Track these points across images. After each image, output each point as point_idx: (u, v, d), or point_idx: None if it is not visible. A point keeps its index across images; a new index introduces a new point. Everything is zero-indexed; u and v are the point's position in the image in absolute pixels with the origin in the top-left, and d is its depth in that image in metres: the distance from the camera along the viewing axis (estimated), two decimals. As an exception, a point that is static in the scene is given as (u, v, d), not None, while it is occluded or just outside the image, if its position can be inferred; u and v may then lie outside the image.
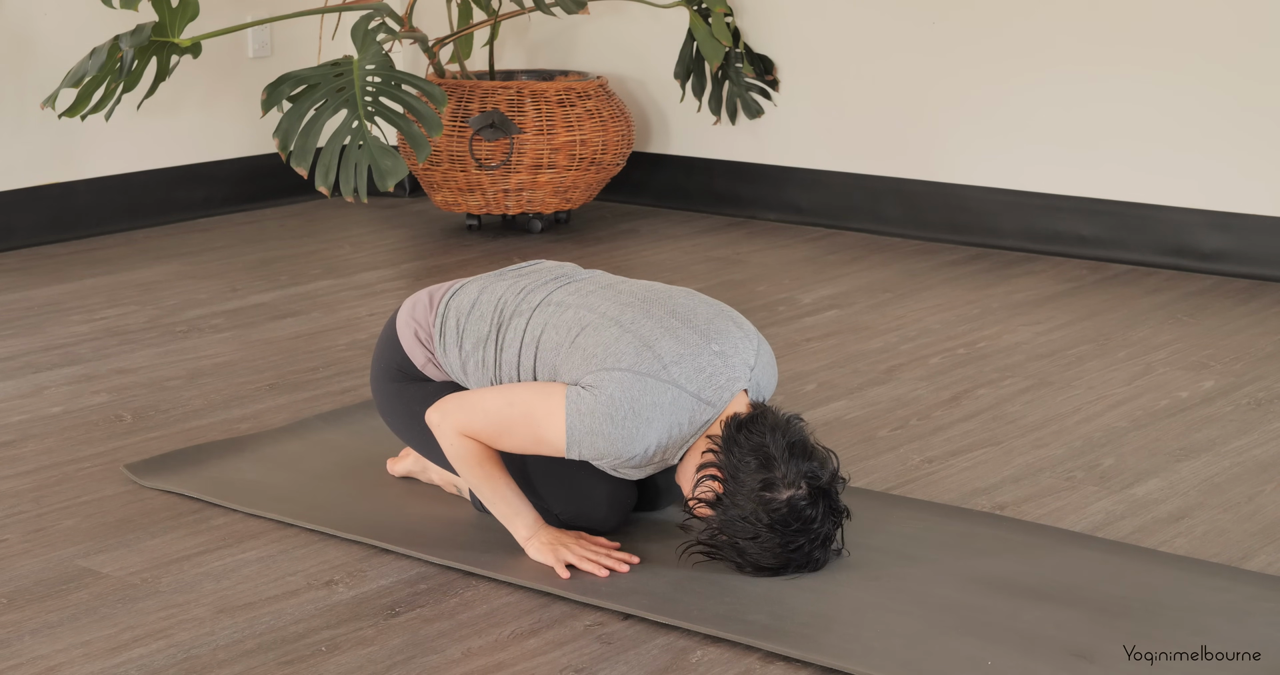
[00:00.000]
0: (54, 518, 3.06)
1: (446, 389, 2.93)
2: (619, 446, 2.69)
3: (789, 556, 2.69)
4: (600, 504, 2.87)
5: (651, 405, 2.69)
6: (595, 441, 2.69)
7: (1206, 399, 3.69)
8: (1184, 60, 4.75)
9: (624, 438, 2.68)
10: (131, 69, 4.66)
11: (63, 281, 4.82)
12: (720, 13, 5.33)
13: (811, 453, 2.68)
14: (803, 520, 2.65)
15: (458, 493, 3.09)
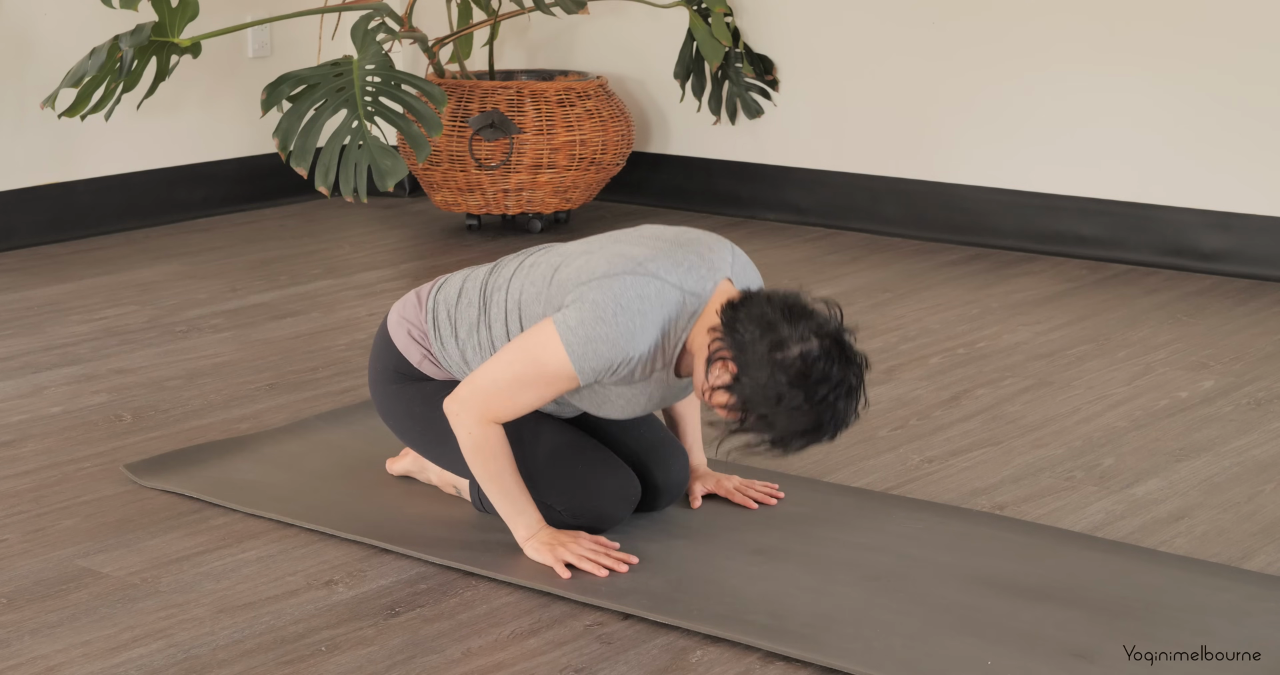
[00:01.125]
0: (54, 518, 3.06)
1: (446, 388, 2.93)
2: (622, 346, 2.65)
3: (818, 413, 2.58)
4: (603, 499, 2.87)
5: (637, 298, 2.67)
6: (597, 349, 2.65)
7: (1206, 399, 3.69)
8: (1184, 61, 4.75)
9: (622, 335, 2.65)
10: (131, 69, 4.66)
11: (62, 281, 4.82)
12: (720, 13, 5.33)
13: (812, 310, 2.64)
14: (820, 371, 2.57)
15: (456, 493, 3.09)
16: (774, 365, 2.58)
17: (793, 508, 3.05)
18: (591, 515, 2.88)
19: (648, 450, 2.99)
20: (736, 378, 2.62)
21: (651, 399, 2.80)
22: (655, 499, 2.99)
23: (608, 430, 3.01)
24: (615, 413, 2.82)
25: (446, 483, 3.11)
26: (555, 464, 2.87)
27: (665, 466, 2.98)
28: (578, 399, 2.81)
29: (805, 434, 2.62)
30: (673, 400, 2.85)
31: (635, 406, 2.81)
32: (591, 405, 2.82)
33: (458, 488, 3.07)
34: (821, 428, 2.62)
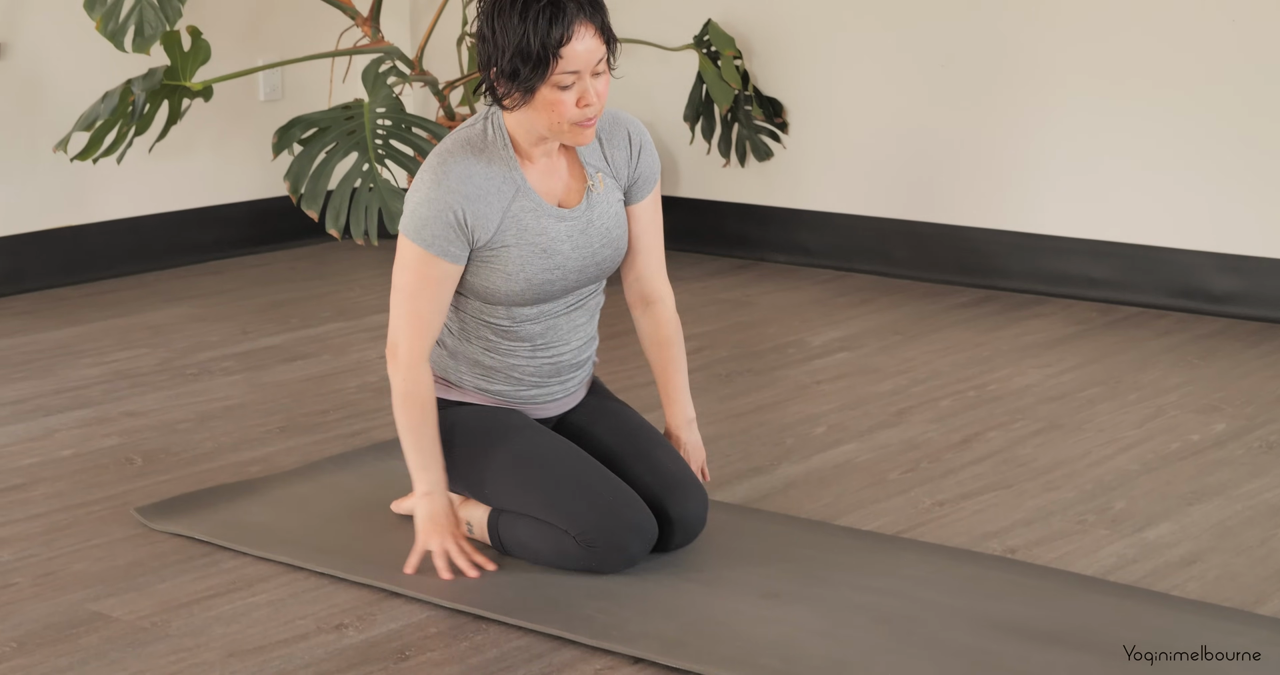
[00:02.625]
0: (64, 561, 3.06)
1: (472, 414, 2.98)
2: (424, 191, 2.81)
3: (532, 8, 2.71)
4: (621, 532, 2.87)
5: (426, 167, 2.85)
6: (415, 210, 2.81)
7: (1218, 442, 3.69)
8: (1193, 102, 4.76)
9: (420, 185, 2.82)
10: (143, 112, 4.68)
11: (74, 324, 4.83)
12: (729, 56, 5.35)
13: None
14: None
15: (467, 531, 3.09)
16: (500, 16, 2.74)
17: (803, 551, 3.04)
18: (606, 545, 2.88)
19: (667, 487, 2.98)
20: (479, 30, 2.77)
21: (576, 229, 2.91)
22: (669, 538, 2.99)
23: (628, 464, 3.01)
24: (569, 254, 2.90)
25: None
26: (577, 491, 2.89)
27: (683, 504, 2.98)
28: (514, 267, 2.87)
29: (525, 37, 2.71)
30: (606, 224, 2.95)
31: (584, 237, 2.91)
32: (539, 265, 2.88)
33: (470, 526, 3.07)
34: (538, 25, 2.71)
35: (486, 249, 2.87)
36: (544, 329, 2.97)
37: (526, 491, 2.92)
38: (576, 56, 2.74)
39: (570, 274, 2.93)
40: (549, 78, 2.75)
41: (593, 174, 2.95)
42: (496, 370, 2.99)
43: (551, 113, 2.78)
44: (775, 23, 5.46)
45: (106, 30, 4.66)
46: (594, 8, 2.77)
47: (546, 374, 3.02)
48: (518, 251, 2.87)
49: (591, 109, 2.79)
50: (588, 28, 2.75)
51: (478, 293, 2.92)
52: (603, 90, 2.80)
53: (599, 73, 2.79)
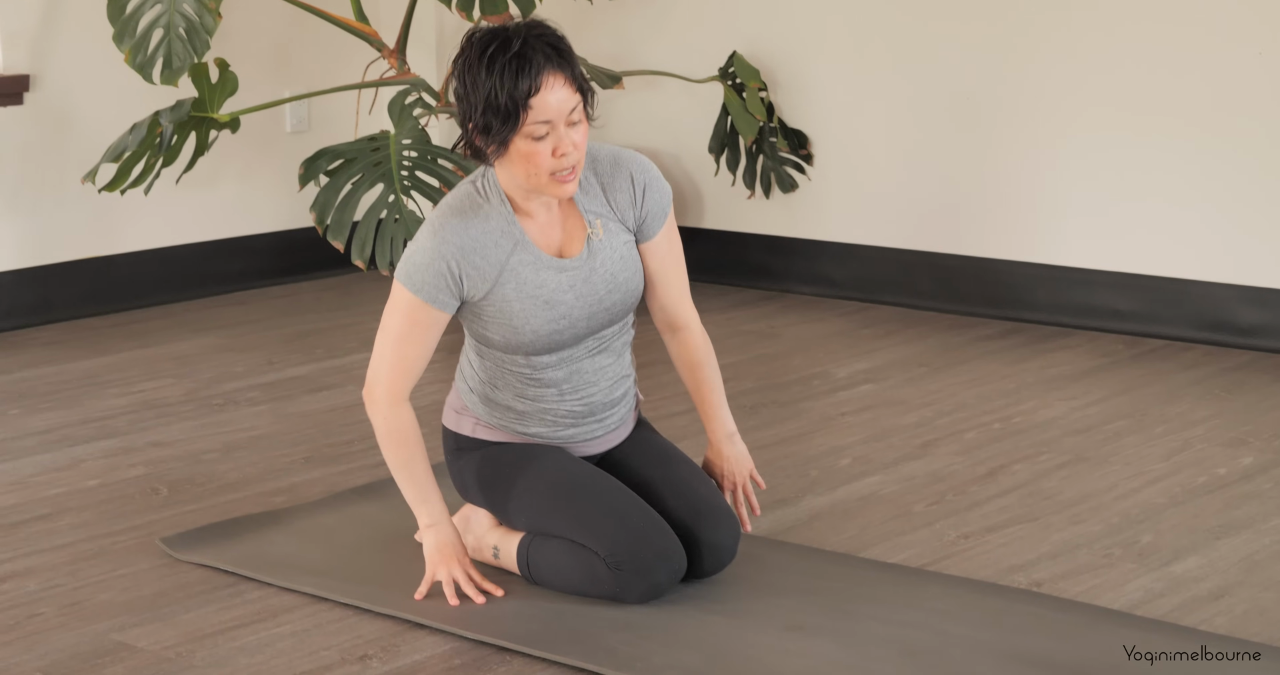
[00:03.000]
0: (89, 591, 3.07)
1: (505, 449, 3.02)
2: (423, 243, 2.86)
3: (498, 62, 2.75)
4: (651, 557, 2.88)
5: (428, 222, 2.91)
6: (412, 259, 2.87)
7: (1245, 476, 3.67)
8: (1219, 134, 4.75)
9: (421, 237, 2.88)
10: (171, 144, 4.71)
11: (100, 354, 4.85)
12: (754, 88, 5.36)
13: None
14: (492, 32, 2.79)
15: (495, 560, 3.09)
16: (462, 51, 2.81)
17: (828, 583, 3.03)
18: (633, 568, 2.88)
19: (698, 512, 2.99)
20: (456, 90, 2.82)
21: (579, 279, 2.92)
22: (699, 563, 2.99)
23: (661, 492, 3.03)
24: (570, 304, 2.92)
25: (480, 549, 3.11)
26: (609, 512, 2.91)
27: (714, 530, 2.99)
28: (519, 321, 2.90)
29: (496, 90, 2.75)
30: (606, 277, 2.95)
31: (586, 286, 2.93)
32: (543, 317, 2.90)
33: (497, 550, 3.06)
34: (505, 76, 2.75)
35: (488, 303, 2.89)
36: (568, 374, 2.99)
37: (557, 509, 2.94)
38: (547, 107, 2.77)
39: (578, 323, 2.94)
40: (520, 129, 2.77)
41: (592, 221, 2.94)
42: (529, 414, 3.01)
43: (528, 164, 2.80)
44: (800, 55, 5.47)
45: (135, 62, 4.69)
46: (561, 57, 2.80)
47: (580, 415, 3.03)
48: (520, 305, 2.89)
49: (568, 159, 2.80)
50: (557, 78, 2.78)
51: (494, 344, 2.96)
52: (579, 140, 2.81)
53: (574, 122, 2.80)
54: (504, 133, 2.77)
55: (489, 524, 3.10)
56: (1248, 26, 4.65)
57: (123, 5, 4.71)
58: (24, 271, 5.19)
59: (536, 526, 2.99)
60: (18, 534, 3.38)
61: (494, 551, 3.08)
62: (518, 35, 2.78)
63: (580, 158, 2.82)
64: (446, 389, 4.42)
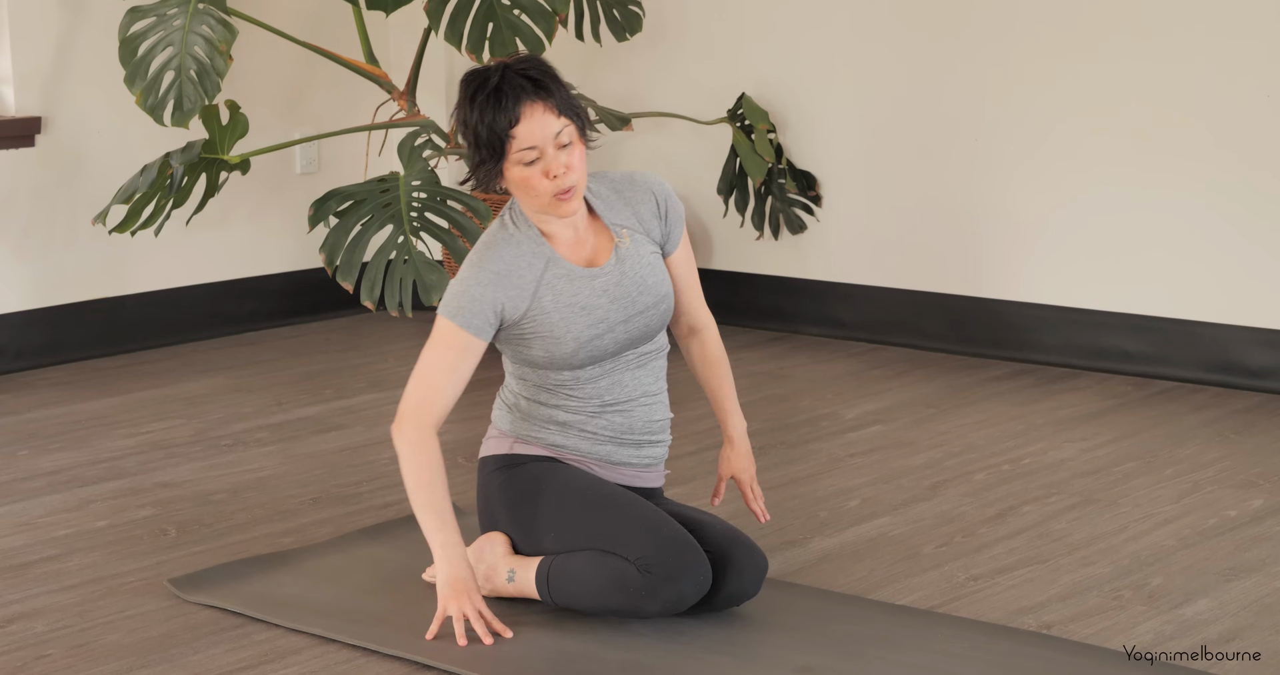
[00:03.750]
0: (98, 632, 3.06)
1: (538, 464, 3.08)
2: (466, 274, 2.99)
3: (478, 99, 2.94)
4: (684, 561, 2.92)
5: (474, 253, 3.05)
6: (453, 290, 2.98)
7: (1256, 518, 3.66)
8: (1229, 176, 4.76)
9: (465, 267, 3.01)
10: (181, 185, 4.73)
11: (110, 395, 4.86)
12: (763, 129, 5.37)
13: None
14: (475, 72, 3.00)
15: (509, 586, 3.09)
16: (461, 91, 3.01)
17: (837, 625, 3.02)
18: (663, 574, 2.91)
19: (733, 538, 3.05)
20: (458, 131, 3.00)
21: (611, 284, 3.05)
22: (722, 585, 3.02)
23: (690, 522, 3.08)
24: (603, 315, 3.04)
25: (493, 576, 3.12)
26: (642, 520, 2.97)
27: (748, 554, 3.05)
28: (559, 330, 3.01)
29: (482, 113, 2.94)
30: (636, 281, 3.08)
31: (619, 290, 3.05)
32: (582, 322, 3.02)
33: (513, 573, 3.09)
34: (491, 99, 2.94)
35: (527, 320, 3.01)
36: (610, 385, 3.09)
37: (589, 518, 3.00)
38: (529, 134, 2.93)
39: (616, 327, 3.05)
40: (509, 158, 2.94)
41: (619, 232, 3.10)
42: (570, 426, 3.09)
43: (527, 189, 2.97)
44: (808, 97, 5.49)
45: (146, 104, 4.71)
46: (539, 88, 2.94)
47: (621, 430, 3.11)
48: (558, 315, 3.01)
49: (562, 180, 2.95)
50: (535, 107, 2.93)
51: (538, 363, 3.07)
52: (571, 162, 2.95)
53: (565, 144, 2.95)
54: (496, 164, 2.96)
55: (504, 551, 3.11)
56: (1257, 69, 4.67)
57: (134, 48, 4.74)
58: (34, 312, 5.20)
59: (563, 539, 3.02)
60: (26, 575, 3.38)
61: (509, 575, 3.07)
62: (496, 73, 2.96)
63: (577, 178, 2.97)
64: (462, 430, 4.43)
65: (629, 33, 5.34)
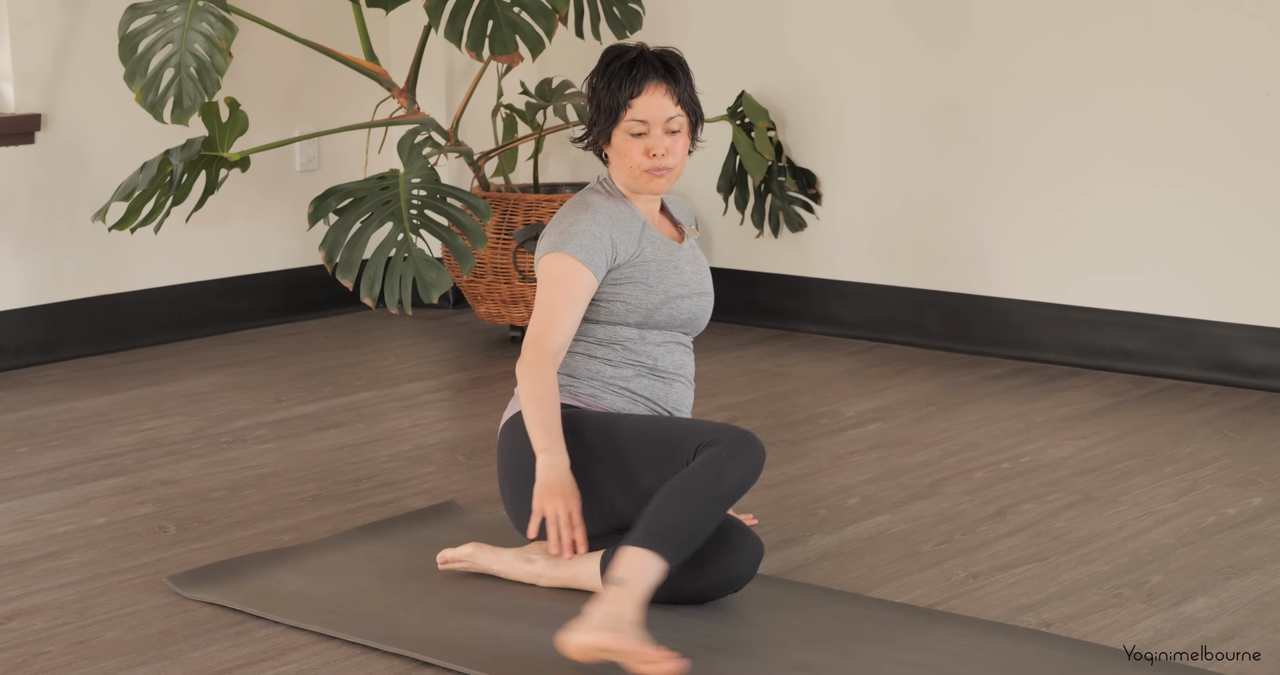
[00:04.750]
0: (97, 629, 3.06)
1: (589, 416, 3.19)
2: (576, 215, 3.18)
3: (612, 68, 3.19)
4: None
5: (573, 205, 3.24)
6: (568, 229, 3.16)
7: (1255, 516, 3.66)
8: (1229, 174, 4.76)
9: (573, 210, 3.20)
10: (181, 182, 4.73)
11: (109, 392, 4.86)
12: (763, 127, 5.37)
13: None
14: (620, 46, 3.24)
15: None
16: (598, 67, 3.25)
17: (836, 623, 3.03)
18: (726, 435, 3.03)
19: (720, 531, 3.08)
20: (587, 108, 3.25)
21: (689, 260, 3.30)
22: (716, 572, 3.06)
23: None
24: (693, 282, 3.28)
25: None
26: (690, 426, 3.11)
27: (738, 540, 3.08)
28: (654, 279, 3.22)
29: (614, 80, 3.20)
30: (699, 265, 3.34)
31: (695, 269, 3.31)
32: (674, 280, 3.24)
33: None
34: (623, 69, 3.19)
35: (630, 266, 3.21)
36: (665, 353, 3.26)
37: (660, 433, 3.11)
38: (644, 108, 3.19)
39: (694, 295, 3.28)
40: (620, 124, 3.19)
41: (688, 228, 3.40)
42: (612, 383, 3.24)
43: (624, 159, 3.21)
44: (808, 95, 5.49)
45: (146, 102, 4.71)
46: (669, 72, 3.21)
47: (657, 396, 3.26)
48: (656, 266, 3.24)
49: (661, 161, 3.19)
50: (659, 87, 3.19)
51: (618, 314, 3.22)
52: (674, 148, 3.20)
53: (674, 131, 3.20)
54: (607, 127, 3.20)
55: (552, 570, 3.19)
56: (1257, 66, 4.67)
57: (134, 45, 4.73)
58: (34, 309, 5.20)
59: (647, 463, 3.08)
60: (25, 572, 3.38)
61: (618, 581, 2.85)
62: (636, 50, 3.22)
63: (676, 164, 3.21)
64: (461, 428, 4.43)
65: (629, 30, 5.34)
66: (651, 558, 2.85)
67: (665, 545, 2.87)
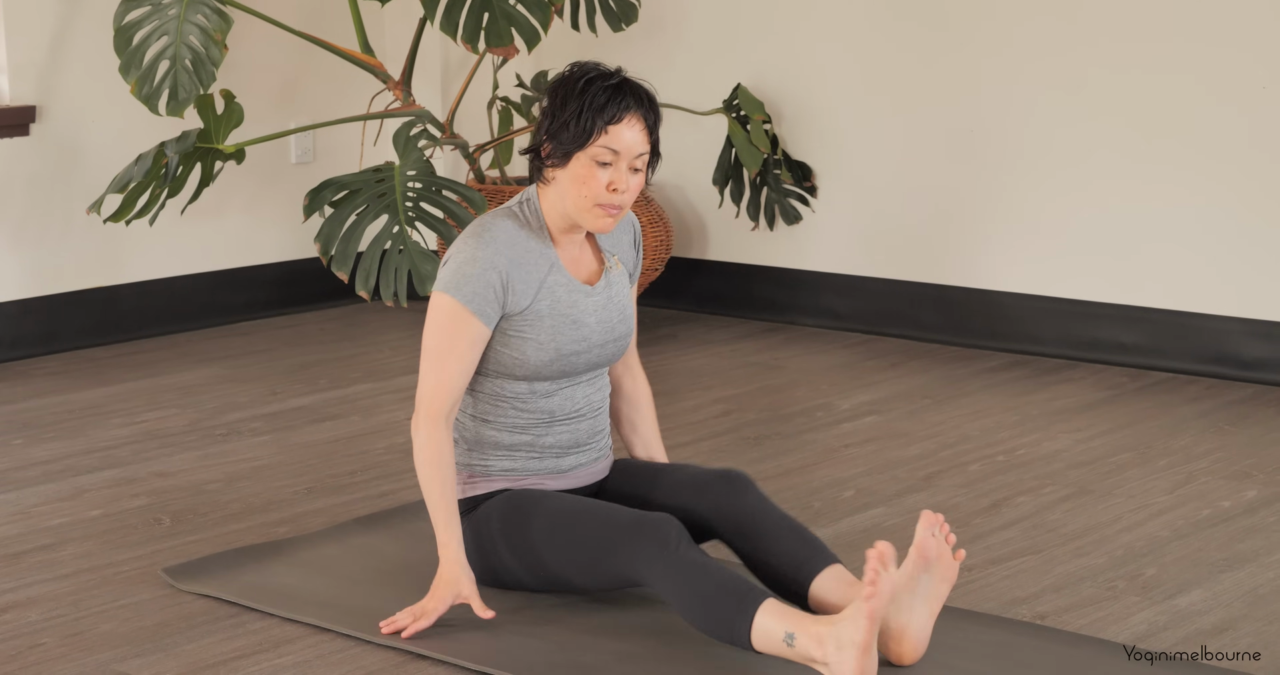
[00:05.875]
0: (92, 621, 3.06)
1: (503, 500, 3.02)
2: (470, 251, 2.93)
3: (595, 86, 2.92)
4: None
5: (471, 234, 2.99)
6: (456, 269, 2.93)
7: (1249, 509, 3.66)
8: (1223, 168, 4.76)
9: (466, 246, 2.95)
10: (176, 175, 4.72)
11: (105, 385, 4.85)
12: (759, 120, 5.37)
13: None
14: (598, 65, 2.97)
15: (793, 652, 2.76)
16: (557, 85, 2.97)
17: (832, 616, 3.02)
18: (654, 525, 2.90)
19: (713, 474, 3.08)
20: (541, 120, 2.96)
21: (596, 308, 3.05)
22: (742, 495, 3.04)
23: (671, 488, 3.08)
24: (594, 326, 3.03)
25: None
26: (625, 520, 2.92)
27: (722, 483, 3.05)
28: (546, 337, 2.98)
29: (577, 113, 2.91)
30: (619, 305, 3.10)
31: (602, 317, 3.05)
32: (569, 336, 3.00)
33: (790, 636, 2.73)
34: (586, 104, 2.91)
35: (521, 319, 2.99)
36: (561, 401, 3.08)
37: (583, 539, 2.93)
38: (620, 138, 2.92)
39: (594, 347, 3.06)
40: (589, 146, 2.91)
41: (609, 256, 3.14)
42: (518, 447, 3.08)
43: (581, 187, 2.93)
44: (804, 88, 5.49)
45: (141, 93, 4.71)
46: (650, 108, 2.96)
47: (566, 446, 3.11)
48: (551, 322, 3.01)
49: (619, 197, 2.94)
50: (638, 121, 2.94)
51: (505, 367, 3.03)
52: (634, 187, 2.95)
53: (636, 169, 2.96)
54: (571, 147, 2.92)
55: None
56: (1251, 60, 4.67)
57: (129, 37, 4.73)
58: (29, 301, 5.19)
59: (572, 566, 2.95)
60: (20, 564, 3.38)
61: (787, 638, 2.72)
62: (620, 75, 2.97)
63: (629, 201, 2.96)
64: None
65: (625, 23, 5.33)
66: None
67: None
